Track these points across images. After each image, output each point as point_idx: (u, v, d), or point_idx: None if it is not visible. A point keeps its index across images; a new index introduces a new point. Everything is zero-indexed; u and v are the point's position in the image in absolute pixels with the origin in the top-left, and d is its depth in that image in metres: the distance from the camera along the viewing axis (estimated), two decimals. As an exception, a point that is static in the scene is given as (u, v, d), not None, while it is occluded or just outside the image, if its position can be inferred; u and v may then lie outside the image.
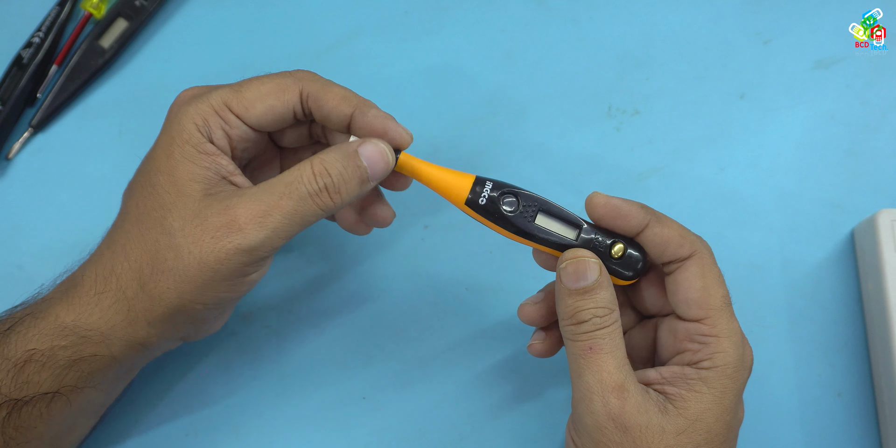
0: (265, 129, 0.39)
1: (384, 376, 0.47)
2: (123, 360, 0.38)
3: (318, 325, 0.48)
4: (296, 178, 0.36)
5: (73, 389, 0.37)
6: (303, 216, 0.36)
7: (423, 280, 0.49)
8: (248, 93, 0.38)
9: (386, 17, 0.54)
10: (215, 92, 0.38)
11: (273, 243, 0.36)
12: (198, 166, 0.36)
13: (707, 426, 0.35)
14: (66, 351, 0.37)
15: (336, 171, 0.36)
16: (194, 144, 0.36)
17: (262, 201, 0.35)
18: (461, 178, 0.38)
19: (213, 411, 0.46)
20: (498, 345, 0.48)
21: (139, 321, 0.37)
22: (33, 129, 0.51)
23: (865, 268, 0.48)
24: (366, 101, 0.39)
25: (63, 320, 0.37)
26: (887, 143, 0.52)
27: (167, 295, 0.36)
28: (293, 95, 0.38)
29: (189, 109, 0.37)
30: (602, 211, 0.37)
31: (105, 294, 0.37)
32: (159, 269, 0.36)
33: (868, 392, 0.47)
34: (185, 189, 0.36)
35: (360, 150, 0.37)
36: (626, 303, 0.42)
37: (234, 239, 0.35)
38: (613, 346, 0.35)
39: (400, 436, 0.46)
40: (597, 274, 0.36)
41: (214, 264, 0.35)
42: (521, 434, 0.46)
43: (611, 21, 0.54)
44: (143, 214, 0.37)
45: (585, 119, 0.52)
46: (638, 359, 0.41)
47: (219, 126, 0.37)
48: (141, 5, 0.53)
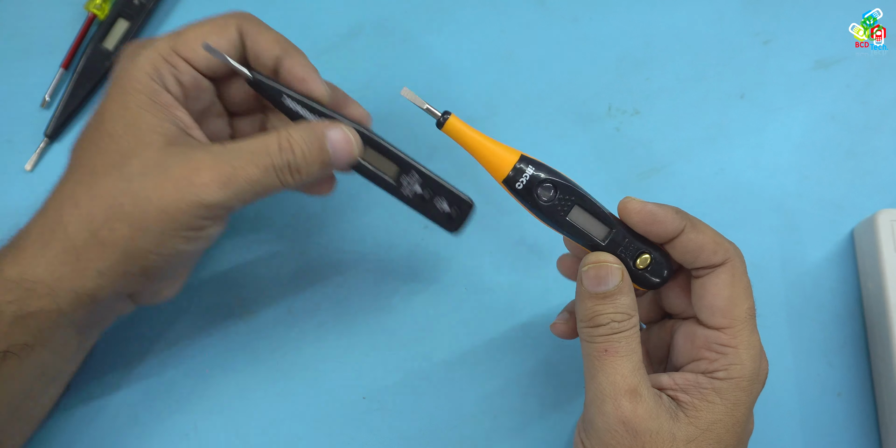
0: (213, 72, 0.39)
1: (384, 376, 0.47)
2: (72, 314, 0.37)
3: (318, 325, 0.48)
4: (262, 148, 0.36)
5: (23, 347, 0.36)
6: (264, 186, 0.36)
7: (423, 280, 0.49)
8: (190, 33, 0.37)
9: (386, 17, 0.55)
10: (159, 40, 0.37)
11: (232, 205, 0.36)
12: (156, 117, 0.36)
13: (718, 436, 0.35)
14: (12, 306, 0.36)
15: (300, 151, 0.36)
16: (149, 94, 0.36)
17: (228, 163, 0.35)
18: (506, 154, 0.37)
19: (213, 411, 0.46)
20: (498, 345, 0.48)
21: (88, 270, 0.36)
22: (49, 138, 0.51)
23: (865, 268, 0.48)
24: (296, 49, 0.39)
25: (7, 273, 0.36)
26: (887, 143, 0.52)
27: (122, 241, 0.35)
28: (233, 32, 0.38)
29: (138, 59, 0.36)
30: (637, 217, 0.36)
31: (51, 244, 0.36)
32: (114, 216, 0.35)
33: (868, 392, 0.47)
34: (145, 138, 0.36)
35: (328, 133, 0.37)
36: (647, 300, 0.41)
37: (198, 192, 0.35)
38: (629, 349, 0.35)
39: (400, 436, 0.46)
40: (618, 279, 0.36)
41: (175, 213, 0.35)
42: (522, 434, 0.46)
43: (611, 21, 0.54)
44: (97, 163, 0.36)
45: (585, 119, 0.52)
46: (653, 357, 0.41)
47: (170, 73, 0.37)
48: (140, 4, 0.53)
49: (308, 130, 0.37)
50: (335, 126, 0.37)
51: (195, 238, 0.37)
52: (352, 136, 0.37)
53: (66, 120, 0.51)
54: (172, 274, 0.40)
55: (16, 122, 0.52)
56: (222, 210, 0.36)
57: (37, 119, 0.52)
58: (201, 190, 0.35)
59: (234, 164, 0.35)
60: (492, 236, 0.49)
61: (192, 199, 0.35)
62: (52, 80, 0.52)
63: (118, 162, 0.35)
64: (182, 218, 0.35)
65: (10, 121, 0.52)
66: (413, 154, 0.40)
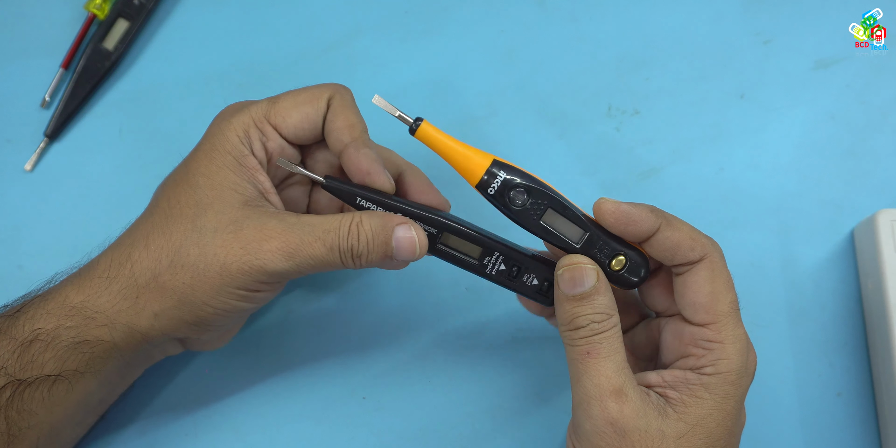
0: (300, 140, 0.40)
1: (384, 376, 0.47)
2: (124, 349, 0.38)
3: (318, 325, 0.48)
4: (333, 228, 0.37)
5: (75, 373, 0.37)
6: (324, 263, 0.37)
7: (423, 280, 0.49)
8: (284, 102, 0.39)
9: (386, 17, 0.54)
10: (255, 104, 0.39)
11: (291, 275, 0.37)
12: (238, 177, 0.37)
13: (708, 431, 0.35)
14: (71, 331, 0.37)
15: (365, 239, 0.37)
16: (236, 156, 0.37)
17: (298, 236, 0.36)
18: (479, 158, 0.37)
19: (213, 411, 0.46)
20: (498, 344, 0.48)
21: (145, 311, 0.37)
22: (48, 138, 0.51)
23: (865, 268, 0.48)
24: (367, 139, 0.39)
25: (72, 300, 0.37)
26: (887, 143, 0.52)
27: (180, 289, 0.37)
28: (324, 106, 0.39)
29: (232, 121, 0.38)
30: (611, 218, 0.36)
31: (117, 279, 0.37)
32: (179, 262, 0.36)
33: (868, 392, 0.47)
34: (225, 195, 0.37)
35: (397, 230, 0.37)
36: (631, 300, 0.41)
37: (263, 259, 0.36)
38: (612, 350, 0.35)
39: (400, 436, 0.46)
40: (594, 280, 0.36)
41: (236, 273, 0.36)
42: (522, 434, 0.46)
43: (611, 21, 0.54)
44: (174, 209, 0.37)
45: (585, 119, 0.52)
46: (641, 356, 0.41)
47: (258, 138, 0.38)
48: (140, 4, 0.53)
49: (379, 221, 0.37)
50: (405, 224, 0.38)
51: (250, 298, 0.38)
52: (416, 237, 0.38)
53: (65, 120, 0.51)
54: (224, 326, 0.41)
55: (16, 122, 0.52)
56: (281, 278, 0.37)
57: (37, 119, 0.52)
58: (266, 257, 0.36)
59: (303, 238, 0.36)
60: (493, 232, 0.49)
61: (256, 264, 0.36)
62: (52, 80, 0.52)
63: (194, 213, 0.37)
64: (241, 279, 0.36)
65: (10, 121, 0.52)
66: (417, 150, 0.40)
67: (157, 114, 0.52)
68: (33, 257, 0.49)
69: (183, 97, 0.53)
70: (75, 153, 0.51)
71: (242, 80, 0.53)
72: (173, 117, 0.52)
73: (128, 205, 0.50)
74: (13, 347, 0.36)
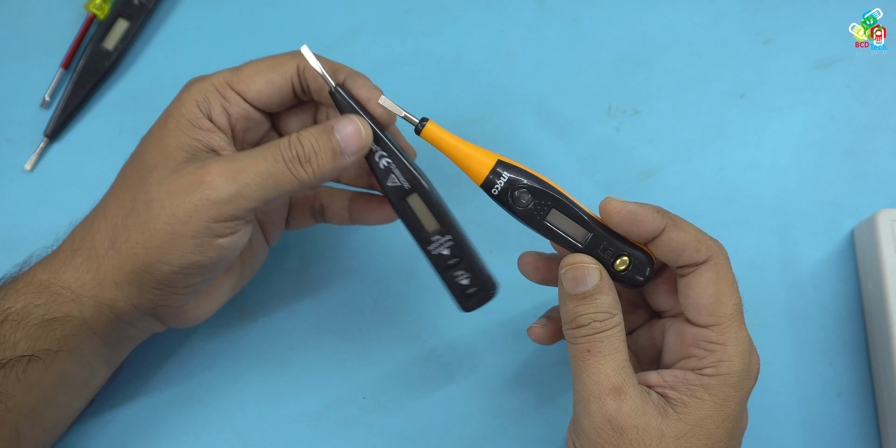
0: (265, 106, 0.39)
1: (384, 376, 0.47)
2: (95, 324, 0.38)
3: (318, 325, 0.48)
4: (271, 144, 0.37)
5: (48, 353, 0.37)
6: (276, 179, 0.36)
7: (423, 280, 0.49)
8: (248, 69, 0.39)
9: (386, 17, 0.54)
10: (218, 73, 0.39)
11: (243, 201, 0.35)
12: (188, 137, 0.37)
13: (707, 432, 0.35)
14: (40, 309, 0.37)
15: (308, 143, 0.36)
16: (190, 118, 0.38)
17: (236, 160, 0.36)
18: (484, 158, 0.37)
19: (213, 411, 0.46)
20: (498, 344, 0.48)
21: (107, 281, 0.37)
22: (48, 138, 0.51)
23: (865, 268, 0.48)
24: (356, 72, 0.39)
25: (39, 277, 0.37)
26: (887, 143, 0.52)
27: (135, 250, 0.36)
28: (291, 68, 0.38)
29: (191, 88, 0.38)
30: (617, 217, 0.36)
31: (79, 251, 0.37)
32: (131, 223, 0.36)
33: (868, 392, 0.47)
34: (170, 154, 0.37)
35: (336, 125, 0.37)
36: (638, 301, 0.41)
37: (204, 191, 0.35)
38: (613, 348, 0.35)
39: (400, 436, 0.46)
40: (597, 279, 0.36)
41: (182, 216, 0.35)
42: (521, 434, 0.46)
43: (611, 21, 0.54)
44: (126, 177, 0.38)
45: (585, 119, 0.52)
46: (645, 358, 0.41)
47: (218, 103, 0.38)
48: (140, 4, 0.53)
49: (317, 126, 0.37)
50: (342, 118, 0.37)
51: (207, 246, 0.36)
52: (359, 125, 0.37)
53: (65, 120, 0.51)
54: (192, 291, 0.39)
55: (16, 122, 0.52)
56: (232, 207, 0.35)
57: (37, 119, 0.52)
58: (208, 187, 0.35)
59: (241, 160, 0.36)
60: (493, 234, 0.49)
61: (199, 198, 0.35)
62: (51, 80, 0.52)
63: (141, 176, 0.37)
64: (190, 221, 0.35)
65: (10, 121, 0.52)
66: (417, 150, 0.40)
67: (157, 114, 0.52)
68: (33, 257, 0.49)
69: (183, 97, 0.53)
70: (75, 153, 0.51)
71: (242, 80, 0.53)
72: (173, 117, 0.52)
73: (128, 205, 0.50)
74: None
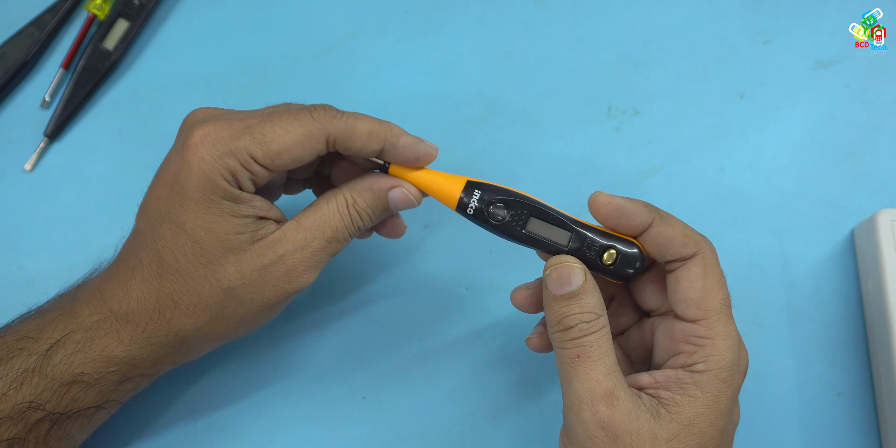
0: (291, 171, 0.41)
1: (384, 376, 0.47)
2: (162, 373, 0.41)
3: (318, 325, 0.48)
4: (335, 224, 0.38)
5: (117, 403, 0.40)
6: (338, 242, 0.39)
7: (423, 280, 0.49)
8: (274, 144, 0.36)
9: (386, 17, 0.55)
10: (238, 142, 0.36)
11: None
12: (237, 217, 0.37)
13: (700, 431, 0.35)
14: (116, 375, 0.39)
15: (367, 216, 0.39)
16: (230, 198, 0.37)
17: (311, 248, 0.38)
18: (451, 183, 0.38)
19: (213, 411, 0.46)
20: (498, 344, 0.48)
21: (191, 349, 0.40)
22: (48, 138, 0.51)
23: (865, 268, 0.48)
24: (392, 131, 0.38)
25: (113, 353, 0.38)
26: (887, 143, 0.52)
27: (226, 332, 0.39)
28: (319, 144, 0.37)
29: (216, 164, 0.36)
30: (605, 210, 0.37)
31: (157, 336, 0.38)
32: (220, 315, 0.38)
33: (868, 392, 0.47)
34: (230, 243, 0.37)
35: (390, 194, 0.39)
36: (626, 301, 0.42)
37: (293, 285, 0.38)
38: (602, 352, 0.35)
39: (400, 435, 0.46)
40: (581, 279, 0.36)
41: (274, 305, 0.39)
42: (521, 434, 0.46)
43: (611, 21, 0.54)
44: (187, 266, 0.37)
45: (585, 119, 0.52)
46: (636, 358, 0.41)
47: (246, 177, 0.37)
48: (140, 4, 0.53)
49: (370, 195, 0.39)
50: (396, 187, 0.39)
51: (278, 309, 0.41)
52: (413, 197, 0.39)
53: (65, 120, 0.51)
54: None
55: (16, 122, 0.52)
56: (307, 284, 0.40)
57: (37, 119, 0.52)
58: (296, 282, 0.38)
59: (316, 246, 0.38)
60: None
61: (289, 291, 0.38)
62: (52, 80, 0.52)
63: (210, 271, 0.37)
64: (279, 305, 0.39)
65: (10, 121, 0.52)
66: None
67: (157, 114, 0.52)
68: (33, 257, 0.49)
69: (183, 97, 0.53)
70: (75, 153, 0.51)
71: (242, 80, 0.53)
72: (173, 117, 0.52)
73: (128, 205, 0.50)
74: (53, 387, 0.37)
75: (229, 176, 0.36)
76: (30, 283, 0.48)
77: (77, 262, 0.45)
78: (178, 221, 0.37)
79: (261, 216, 0.38)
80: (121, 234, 0.41)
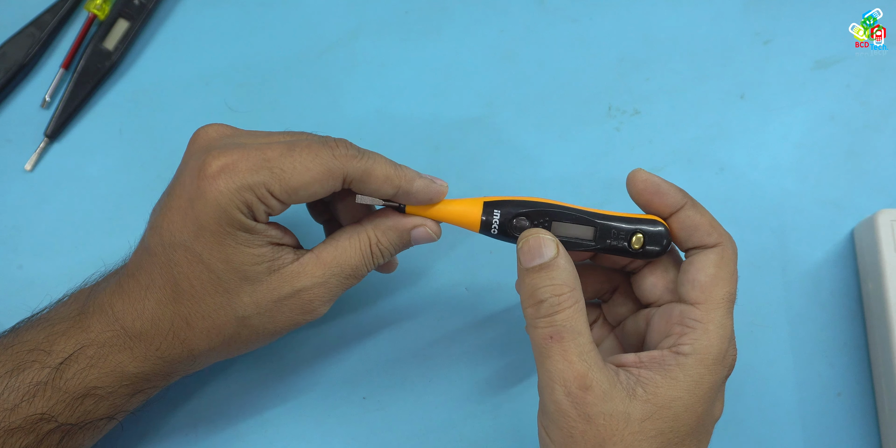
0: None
1: (384, 376, 0.47)
2: (175, 380, 0.42)
3: (318, 326, 0.48)
4: (357, 262, 0.39)
5: (127, 413, 0.40)
6: (358, 277, 0.40)
7: (423, 280, 0.49)
8: (294, 181, 0.36)
9: (386, 17, 0.55)
10: (257, 176, 0.36)
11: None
12: (253, 248, 0.37)
13: (675, 414, 0.34)
14: (128, 389, 0.39)
15: (388, 252, 0.40)
16: (245, 229, 0.36)
17: (329, 284, 0.39)
18: (470, 208, 0.39)
19: (213, 411, 0.46)
20: (498, 344, 0.48)
21: (203, 363, 0.41)
22: (48, 138, 0.51)
23: (865, 268, 0.48)
24: (406, 177, 0.38)
25: (127, 369, 0.38)
26: (887, 143, 0.52)
27: (237, 352, 0.40)
28: (337, 182, 0.37)
29: (233, 197, 0.36)
30: (641, 186, 0.38)
31: (171, 354, 0.38)
32: (234, 340, 0.39)
33: (868, 392, 0.47)
34: (247, 273, 0.37)
35: (413, 233, 0.40)
36: (627, 292, 0.42)
37: (307, 317, 0.39)
38: (575, 332, 0.35)
39: (400, 435, 0.46)
40: (553, 251, 0.36)
41: (285, 333, 0.40)
42: (521, 434, 0.46)
43: (611, 21, 0.54)
44: (202, 293, 0.37)
45: (585, 119, 0.52)
46: (629, 348, 0.41)
47: (262, 210, 0.37)
48: (140, 4, 0.53)
49: (395, 234, 0.40)
50: (418, 227, 0.40)
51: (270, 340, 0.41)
52: (433, 233, 0.40)
53: (66, 120, 0.51)
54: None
55: (16, 122, 0.52)
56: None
57: (37, 119, 0.52)
58: (311, 315, 0.39)
59: (334, 282, 0.39)
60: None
61: (303, 321, 0.39)
62: (52, 80, 0.52)
63: (225, 300, 0.37)
64: (290, 330, 0.40)
65: (11, 121, 0.52)
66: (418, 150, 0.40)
67: (157, 114, 0.52)
68: (33, 257, 0.49)
69: (183, 97, 0.53)
70: (75, 153, 0.51)
71: (242, 80, 0.53)
72: (173, 117, 0.52)
73: (128, 205, 0.50)
74: (65, 400, 0.37)
75: (245, 209, 0.36)
76: (30, 284, 0.48)
77: (77, 263, 0.46)
78: (195, 251, 0.36)
79: (276, 243, 0.38)
80: (121, 234, 0.41)
